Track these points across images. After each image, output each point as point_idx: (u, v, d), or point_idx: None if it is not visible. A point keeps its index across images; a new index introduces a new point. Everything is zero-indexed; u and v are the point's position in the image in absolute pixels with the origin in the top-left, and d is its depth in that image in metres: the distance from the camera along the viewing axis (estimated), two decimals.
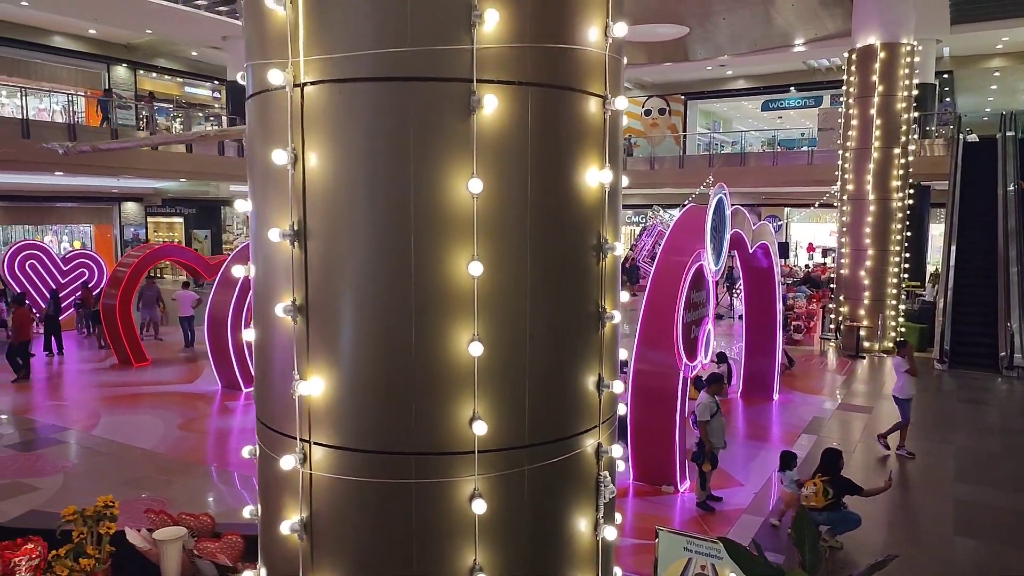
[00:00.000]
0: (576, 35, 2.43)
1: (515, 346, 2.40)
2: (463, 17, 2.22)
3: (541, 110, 2.36)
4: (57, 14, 24.97)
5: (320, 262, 2.40)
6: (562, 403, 2.55)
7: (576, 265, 2.54)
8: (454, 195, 2.29)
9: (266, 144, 2.48)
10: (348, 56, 2.25)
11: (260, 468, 2.85)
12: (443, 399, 2.35)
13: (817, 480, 6.98)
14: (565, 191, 2.47)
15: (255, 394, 2.88)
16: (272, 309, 2.51)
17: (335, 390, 2.41)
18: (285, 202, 2.42)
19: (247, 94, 2.70)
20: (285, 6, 2.31)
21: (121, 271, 15.04)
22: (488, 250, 2.32)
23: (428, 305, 2.32)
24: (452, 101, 2.24)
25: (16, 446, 9.88)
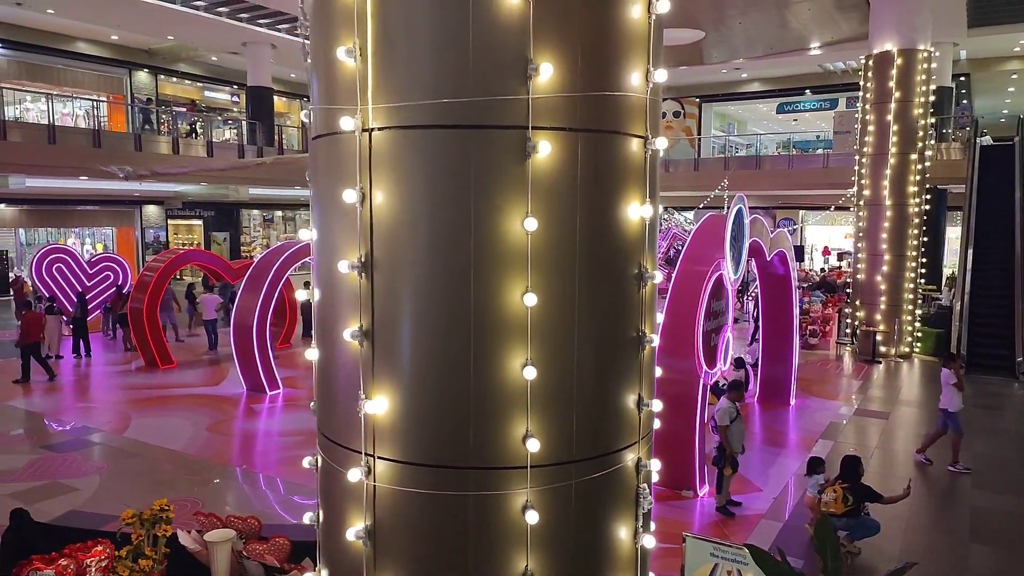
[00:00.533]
0: (620, 83, 2.63)
1: (564, 369, 2.61)
2: (520, 70, 2.43)
3: (589, 153, 2.56)
4: (82, 21, 25.42)
5: (385, 291, 2.61)
6: (606, 421, 2.75)
7: (619, 293, 2.75)
8: (510, 231, 2.50)
9: (335, 182, 2.70)
10: (413, 105, 2.47)
11: (322, 478, 3.07)
12: (498, 418, 2.56)
13: (837, 487, 7.13)
14: (610, 225, 2.68)
15: (317, 409, 3.10)
16: (338, 333, 2.73)
17: (398, 409, 2.63)
18: (353, 236, 2.63)
19: (313, 134, 2.92)
20: (355, 59, 2.53)
21: (148, 275, 15.39)
22: (540, 281, 2.53)
23: (485, 331, 2.53)
24: (509, 146, 2.45)
25: (52, 447, 10.20)
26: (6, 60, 26.92)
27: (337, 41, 2.61)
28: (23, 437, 10.74)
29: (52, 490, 8.71)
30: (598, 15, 2.56)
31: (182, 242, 33.01)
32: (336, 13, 2.62)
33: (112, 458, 9.78)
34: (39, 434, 10.86)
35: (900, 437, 11.03)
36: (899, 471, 9.45)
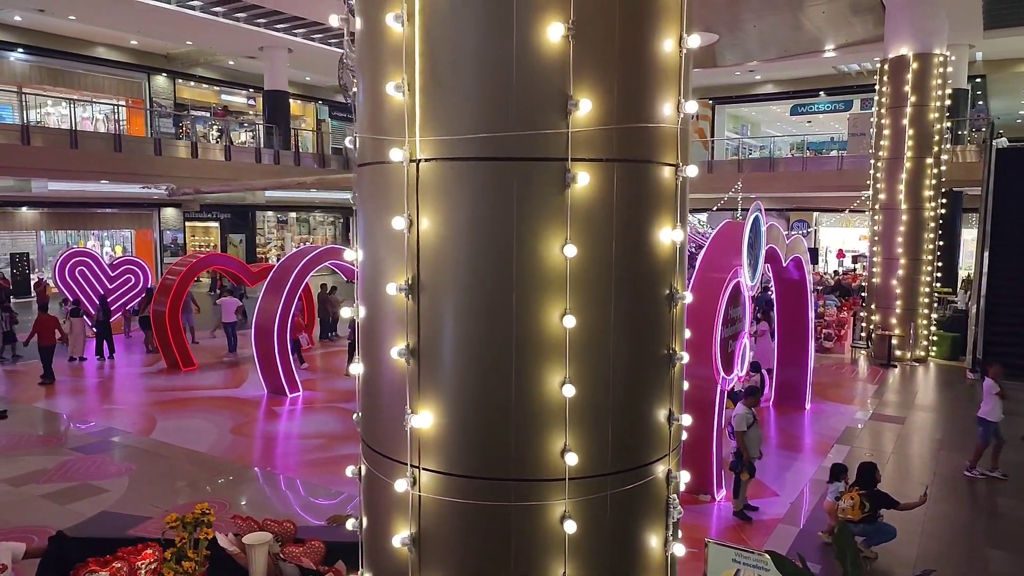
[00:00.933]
0: (653, 114, 2.77)
1: (600, 386, 2.75)
2: (560, 105, 2.57)
3: (625, 181, 2.71)
4: (102, 27, 25.82)
5: (430, 311, 2.77)
6: (639, 435, 2.89)
7: (651, 314, 2.89)
8: (550, 256, 2.64)
9: (382, 208, 2.86)
10: (459, 138, 2.62)
11: (366, 486, 3.23)
12: (538, 432, 2.71)
13: (854, 493, 7.23)
14: (643, 250, 2.82)
15: (361, 421, 3.26)
16: (385, 350, 2.89)
17: (442, 423, 2.78)
18: (400, 260, 2.79)
19: (359, 161, 3.08)
20: (404, 93, 2.68)
21: (170, 279, 15.66)
22: (578, 303, 2.67)
23: (526, 351, 2.68)
24: (550, 177, 2.60)
25: (81, 449, 10.44)
26: (28, 65, 27.37)
27: (385, 76, 2.77)
28: (53, 438, 10.99)
29: (83, 491, 8.93)
30: (633, 51, 2.70)
31: (199, 244, 33.41)
32: (385, 49, 2.77)
33: (139, 459, 10.00)
34: (68, 436, 11.11)
35: (916, 442, 11.08)
36: (915, 476, 9.52)
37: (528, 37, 2.55)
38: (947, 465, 9.90)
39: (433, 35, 2.65)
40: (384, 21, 2.72)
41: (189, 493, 8.98)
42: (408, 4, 2.66)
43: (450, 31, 2.63)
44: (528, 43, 2.55)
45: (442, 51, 2.64)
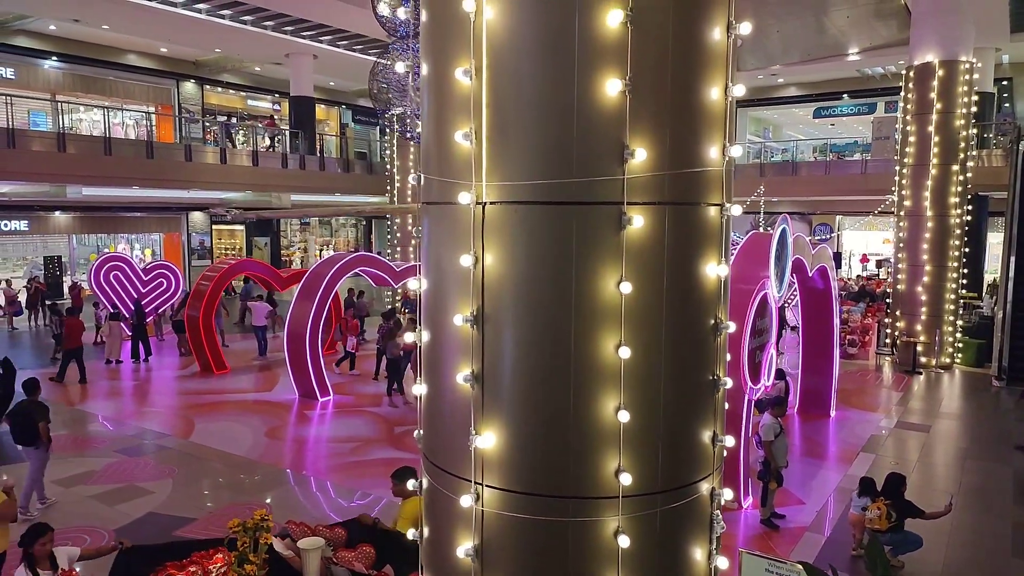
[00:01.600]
0: (701, 159, 2.99)
1: (651, 410, 2.97)
2: (616, 153, 2.80)
3: (675, 222, 2.93)
4: (135, 35, 26.40)
5: (494, 340, 3.01)
6: (686, 456, 3.11)
7: (698, 343, 3.10)
8: (606, 292, 2.87)
9: (448, 245, 3.10)
10: (523, 184, 2.86)
11: (427, 499, 3.47)
12: (594, 453, 2.93)
13: (880, 503, 7.36)
14: (691, 284, 3.04)
15: (423, 438, 3.50)
16: (450, 374, 3.14)
17: (504, 443, 3.02)
18: (466, 293, 3.03)
19: (424, 199, 3.33)
20: (471, 142, 2.92)
21: (204, 285, 16.06)
22: (632, 334, 2.90)
23: (583, 378, 2.91)
24: (607, 220, 2.83)
25: (126, 451, 10.82)
26: (61, 73, 28.04)
27: (453, 124, 3.01)
28: (97, 440, 11.38)
29: (130, 493, 9.29)
30: (683, 101, 2.92)
31: (225, 247, 34.01)
32: (452, 100, 3.02)
33: (181, 462, 10.35)
34: (112, 438, 11.49)
35: (941, 451, 11.15)
36: (940, 485, 9.61)
37: (588, 91, 2.78)
38: (973, 474, 9.98)
39: (499, 89, 2.88)
40: (453, 74, 2.97)
41: (231, 496, 9.30)
42: (476, 59, 2.90)
43: (515, 85, 2.86)
44: (588, 97, 2.78)
45: (507, 103, 2.88)
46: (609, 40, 2.75)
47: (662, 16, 2.81)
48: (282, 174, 27.23)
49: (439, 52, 3.12)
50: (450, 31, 3.00)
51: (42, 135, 21.29)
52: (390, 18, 14.46)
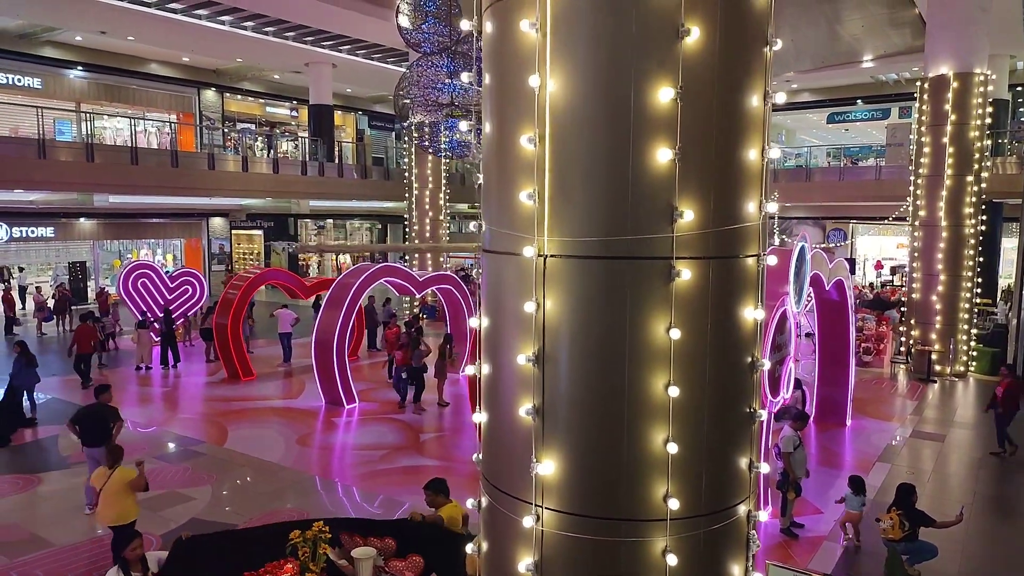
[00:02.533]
0: (741, 216, 3.32)
1: (696, 441, 3.31)
2: (667, 214, 3.14)
3: (718, 273, 3.26)
4: (159, 46, 26.95)
5: (554, 378, 3.35)
6: (726, 482, 3.44)
7: (738, 380, 3.44)
8: (656, 336, 3.21)
9: (511, 291, 3.45)
10: (582, 240, 3.20)
11: (487, 517, 3.82)
12: (645, 480, 3.27)
13: (893, 514, 7.65)
14: (732, 327, 3.37)
15: (483, 461, 3.85)
16: (511, 406, 3.48)
17: (562, 470, 3.36)
18: (526, 333, 3.38)
19: (486, 247, 3.68)
20: (535, 201, 3.27)
21: (232, 293, 16.50)
22: (679, 373, 3.23)
23: (635, 412, 3.25)
24: (657, 272, 3.16)
25: (164, 457, 11.25)
26: (86, 82, 28.66)
27: (517, 184, 3.36)
28: (136, 447, 11.76)
29: (172, 499, 9.69)
30: (726, 165, 3.25)
31: (243, 251, 34.55)
32: (517, 162, 3.36)
33: (219, 469, 10.75)
34: (151, 444, 11.89)
35: (955, 460, 11.39)
36: (954, 495, 9.86)
37: (642, 159, 3.12)
38: (987, 484, 10.22)
39: (561, 154, 3.22)
40: (517, 139, 3.31)
41: (269, 502, 9.68)
42: (540, 128, 3.24)
43: (576, 151, 3.20)
44: (641, 163, 3.12)
45: (568, 168, 3.22)
46: (661, 113, 3.09)
47: (708, 90, 3.15)
48: (302, 181, 27.73)
49: (503, 116, 3.46)
50: (515, 99, 3.34)
51: (71, 145, 21.84)
52: (413, 33, 14.84)
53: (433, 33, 14.59)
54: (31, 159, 20.12)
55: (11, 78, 26.19)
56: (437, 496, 6.39)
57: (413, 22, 14.89)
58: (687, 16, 3.04)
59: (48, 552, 8.19)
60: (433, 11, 14.77)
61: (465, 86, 14.64)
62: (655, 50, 3.05)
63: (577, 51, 3.14)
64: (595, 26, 3.09)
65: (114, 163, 21.93)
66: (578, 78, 3.15)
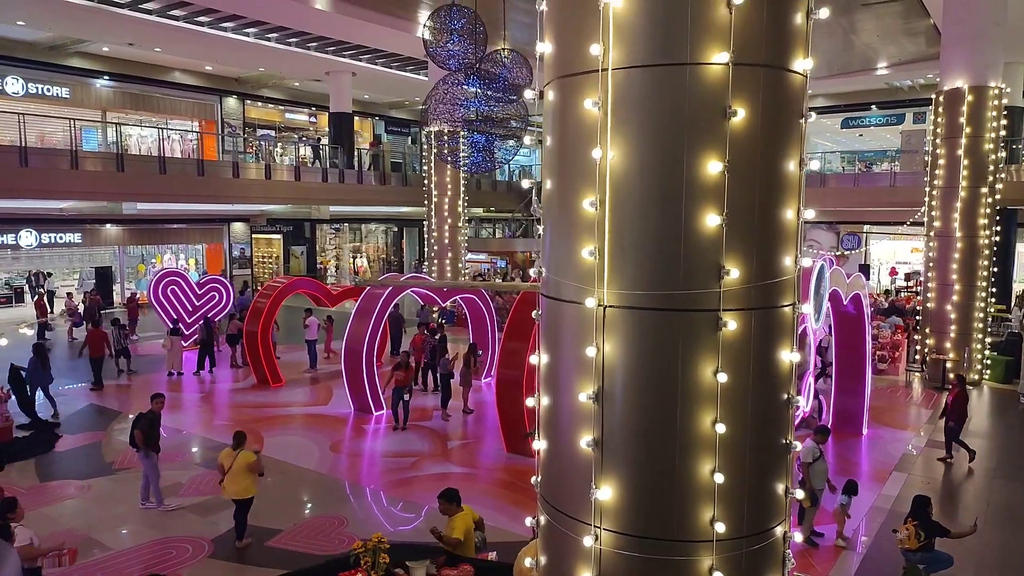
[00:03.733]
0: (779, 270, 3.73)
1: (739, 471, 3.71)
2: (715, 271, 3.55)
3: (759, 322, 3.67)
4: (184, 56, 27.54)
5: (612, 414, 3.76)
6: (765, 507, 3.85)
7: (776, 416, 3.84)
8: (704, 378, 3.61)
9: (571, 336, 3.87)
10: (637, 293, 3.61)
11: (545, 535, 4.25)
12: (694, 505, 3.68)
13: (909, 524, 8.01)
14: (771, 369, 3.77)
15: (541, 484, 4.27)
16: (572, 437, 3.91)
17: (619, 495, 3.77)
18: (585, 373, 3.80)
19: (546, 292, 4.10)
20: (596, 257, 3.69)
21: (261, 302, 17.01)
22: (725, 411, 3.64)
23: (686, 445, 3.66)
24: (706, 323, 3.57)
25: (206, 464, 11.73)
26: (112, 91, 29.29)
27: (578, 241, 3.78)
28: (178, 453, 12.29)
29: (218, 505, 10.12)
30: (766, 226, 3.66)
31: (263, 255, 35.17)
32: (579, 221, 3.78)
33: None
34: (191, 450, 12.40)
35: (968, 470, 11.69)
36: (969, 505, 10.19)
37: (692, 223, 3.53)
38: (1000, 493, 10.54)
39: (619, 216, 3.64)
40: (579, 202, 3.73)
41: (311, 509, 10.13)
42: (600, 193, 3.66)
43: (633, 215, 3.62)
44: (692, 227, 3.53)
45: (626, 229, 3.63)
46: (710, 183, 3.50)
47: (751, 161, 3.55)
48: (323, 187, 28.26)
49: (565, 178, 3.88)
50: (577, 165, 3.76)
51: (102, 155, 22.44)
52: (439, 51, 15.25)
53: (459, 51, 15.00)
54: (64, 170, 20.71)
55: (40, 88, 26.83)
56: (451, 505, 6.95)
57: (438, 39, 15.31)
58: (733, 98, 3.45)
59: (108, 555, 8.67)
60: (459, 28, 15.20)
61: (495, 102, 15.09)
62: (705, 128, 3.46)
63: (635, 127, 3.56)
64: (652, 107, 3.51)
65: (143, 173, 22.50)
66: (635, 151, 3.56)
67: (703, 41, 3.42)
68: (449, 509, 6.93)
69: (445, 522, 6.87)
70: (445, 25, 15.23)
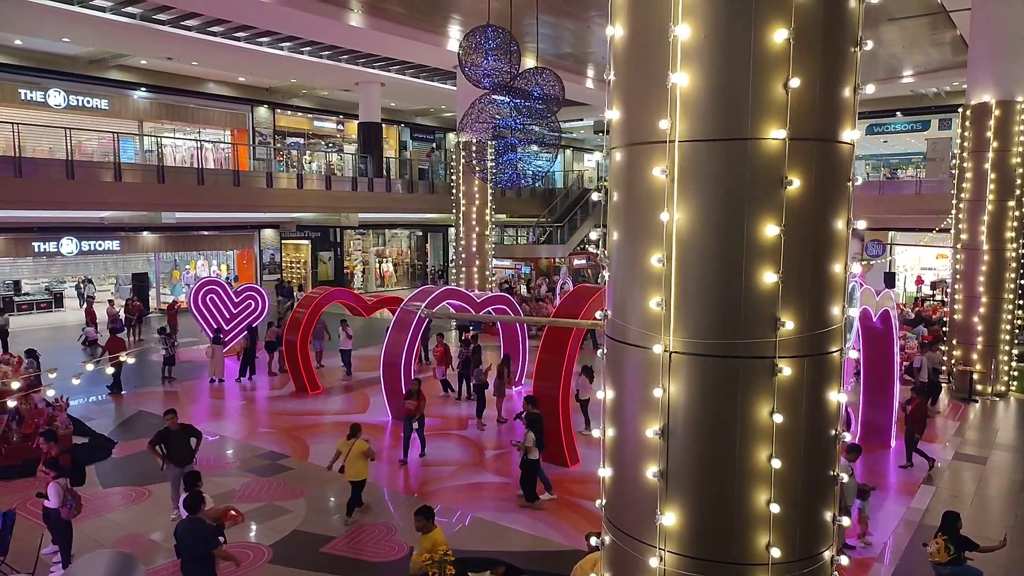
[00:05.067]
0: (829, 320, 4.13)
1: (792, 501, 4.11)
2: (771, 322, 3.95)
3: (810, 368, 4.07)
4: (220, 69, 28.29)
5: (676, 448, 4.18)
6: (815, 533, 4.25)
7: (824, 451, 4.24)
8: (761, 418, 4.02)
9: (638, 376, 4.30)
10: (700, 341, 4.03)
11: (612, 554, 4.68)
12: (751, 532, 4.09)
13: (939, 539, 8.33)
14: (821, 408, 4.17)
15: (606, 507, 4.70)
16: (638, 467, 4.33)
17: (682, 521, 4.19)
18: (650, 410, 4.22)
19: (613, 334, 4.52)
20: (663, 307, 4.11)
21: (300, 312, 17.59)
22: (779, 447, 4.05)
23: (744, 478, 4.07)
24: (763, 369, 3.98)
25: (256, 471, 12.27)
26: (148, 102, 30.13)
27: (646, 293, 4.20)
28: (227, 461, 12.86)
29: (272, 512, 10.69)
30: (817, 280, 4.06)
31: (291, 260, 35.90)
32: (647, 274, 4.20)
33: (308, 483, 11.71)
34: (239, 458, 12.95)
35: (996, 484, 11.95)
36: (996, 519, 10.45)
37: (752, 279, 3.94)
38: None
39: (684, 272, 4.06)
40: (648, 258, 4.16)
41: (361, 516, 10.59)
42: (667, 250, 4.08)
43: (696, 270, 4.04)
44: (751, 282, 3.94)
45: (690, 283, 4.05)
46: (767, 243, 3.91)
47: (805, 223, 3.96)
48: (353, 196, 28.92)
49: (634, 234, 4.31)
50: (645, 224, 4.19)
51: (144, 167, 23.20)
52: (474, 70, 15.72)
53: (494, 70, 15.47)
54: (108, 182, 21.48)
55: (81, 100, 27.72)
56: (427, 522, 7.61)
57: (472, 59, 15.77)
58: (789, 169, 3.86)
59: (171, 562, 9.19)
60: (494, 48, 15.66)
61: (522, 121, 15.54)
62: (764, 196, 3.88)
63: (699, 194, 3.98)
64: (715, 176, 3.93)
65: (182, 184, 23.25)
66: (700, 214, 3.99)
67: (762, 118, 3.84)
68: (426, 526, 7.56)
69: (418, 539, 7.56)
70: (479, 44, 15.71)
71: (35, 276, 29.28)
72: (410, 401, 13.04)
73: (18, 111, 25.97)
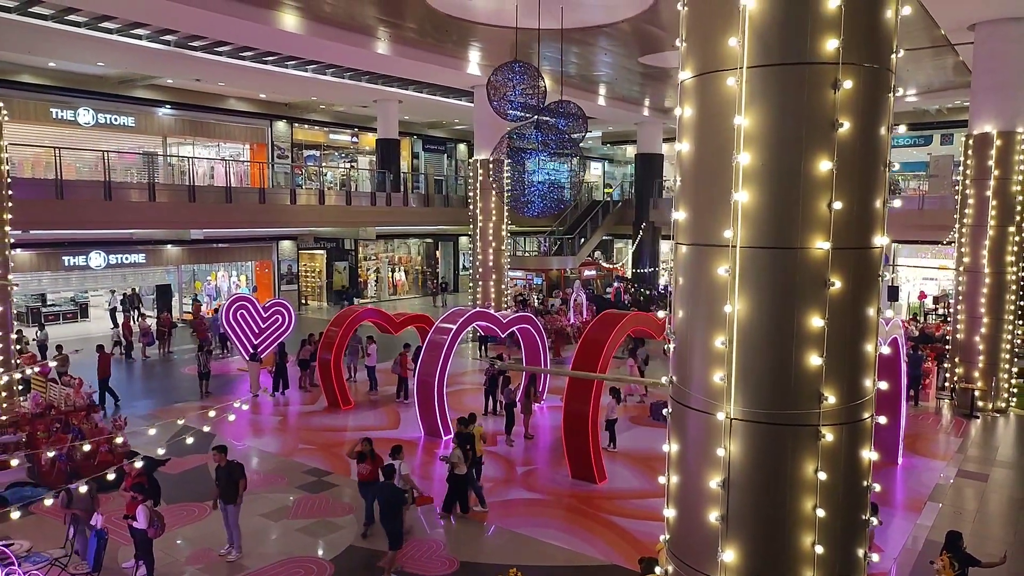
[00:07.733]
0: (862, 393, 4.99)
1: (833, 542, 4.97)
2: (815, 397, 4.80)
3: (847, 433, 4.93)
4: (244, 88, 29.10)
5: (735, 497, 5.04)
6: (850, 569, 5.10)
7: (858, 498, 5.10)
8: (807, 474, 4.88)
9: (699, 437, 5.15)
10: (757, 411, 4.89)
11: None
12: (799, 569, 4.94)
13: (944, 556, 9.19)
14: (856, 465, 5.03)
15: (671, 541, 5.56)
16: (701, 512, 5.19)
17: (740, 558, 5.05)
18: (715, 466, 5.08)
19: (677, 398, 5.38)
20: (724, 381, 4.97)
21: (333, 331, 18.43)
22: (823, 499, 4.90)
23: (793, 523, 4.92)
24: (808, 435, 4.83)
25: (305, 487, 13.09)
26: (172, 118, 30.96)
27: (711, 369, 5.06)
28: (276, 477, 13.66)
29: (327, 527, 11.51)
30: (854, 358, 4.92)
31: (306, 269, 36.76)
32: (709, 352, 5.06)
33: (356, 500, 12.45)
34: (288, 475, 13.76)
35: (997, 501, 12.80)
36: (996, 535, 11.30)
37: (800, 360, 4.79)
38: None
39: (744, 353, 4.91)
40: (712, 340, 5.01)
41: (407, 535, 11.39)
42: (728, 334, 4.94)
43: (755, 353, 4.88)
44: (799, 363, 4.80)
45: (748, 362, 4.91)
46: (813, 333, 4.77)
47: (844, 315, 4.81)
48: (371, 211, 29.79)
49: (698, 320, 5.17)
50: (707, 313, 5.04)
51: (176, 187, 24.06)
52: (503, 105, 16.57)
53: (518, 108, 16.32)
54: (143, 202, 22.33)
55: (109, 118, 28.55)
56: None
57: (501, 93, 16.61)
58: (831, 272, 4.72)
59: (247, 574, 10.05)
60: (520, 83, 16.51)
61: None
62: (810, 294, 4.74)
63: (755, 293, 4.83)
64: (770, 276, 4.79)
65: (212, 202, 24.09)
66: (756, 308, 4.84)
67: (809, 231, 4.69)
68: None
69: None
70: (507, 79, 16.57)
71: (56, 287, 29.97)
72: (363, 465, 11.34)
73: (51, 129, 26.84)
